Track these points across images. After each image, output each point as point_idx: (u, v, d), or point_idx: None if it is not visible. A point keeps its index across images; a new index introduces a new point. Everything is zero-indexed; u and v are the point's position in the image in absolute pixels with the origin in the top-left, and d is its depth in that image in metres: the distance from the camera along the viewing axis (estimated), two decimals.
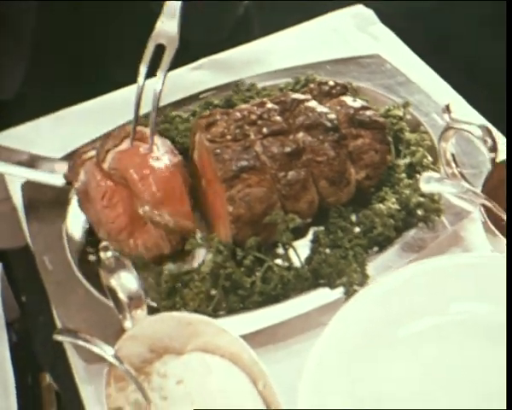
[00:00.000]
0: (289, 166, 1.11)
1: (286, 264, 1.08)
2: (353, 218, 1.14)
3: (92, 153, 1.14)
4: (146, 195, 1.08)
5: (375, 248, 1.10)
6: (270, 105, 1.15)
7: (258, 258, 1.08)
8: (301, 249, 1.11)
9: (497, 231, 1.04)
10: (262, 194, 1.09)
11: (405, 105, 1.26)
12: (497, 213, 1.06)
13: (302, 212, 1.12)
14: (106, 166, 1.11)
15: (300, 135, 1.13)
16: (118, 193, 1.10)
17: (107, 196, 1.11)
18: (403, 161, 1.18)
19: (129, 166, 1.09)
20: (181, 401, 0.92)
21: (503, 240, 1.03)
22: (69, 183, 1.15)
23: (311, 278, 1.06)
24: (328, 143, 1.13)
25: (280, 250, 1.09)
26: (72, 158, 1.16)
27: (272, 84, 1.35)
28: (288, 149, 1.11)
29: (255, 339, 0.99)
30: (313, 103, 1.15)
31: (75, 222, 1.16)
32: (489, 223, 1.05)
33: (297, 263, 1.08)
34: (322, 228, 1.13)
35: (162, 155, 1.12)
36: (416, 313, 0.97)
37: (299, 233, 1.13)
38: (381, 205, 1.11)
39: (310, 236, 1.14)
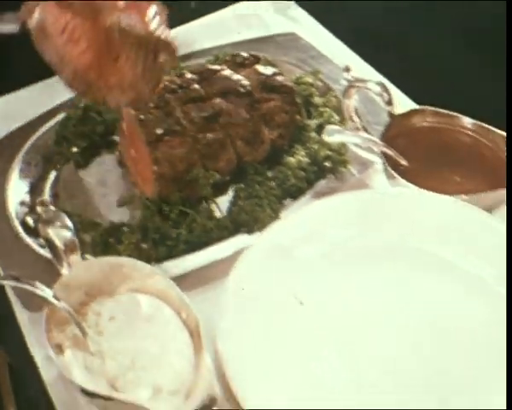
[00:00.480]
0: (208, 129, 1.22)
1: (208, 215, 1.18)
2: (269, 174, 1.25)
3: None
4: (111, 5, 1.00)
5: (289, 199, 1.21)
6: (189, 75, 1.27)
7: (182, 211, 1.18)
8: (222, 204, 1.22)
9: (395, 174, 1.16)
10: (183, 154, 1.20)
11: (315, 73, 1.38)
12: (395, 159, 1.19)
13: (221, 170, 1.23)
14: None
15: (217, 101, 1.24)
16: (79, 26, 1.01)
17: (67, 30, 1.01)
18: (313, 122, 1.30)
19: None
20: (114, 335, 1.02)
21: (402, 181, 1.15)
22: (23, 24, 1.03)
23: (231, 226, 1.18)
24: (242, 106, 1.24)
25: (203, 204, 1.20)
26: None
27: (194, 63, 1.46)
28: (205, 114, 1.23)
29: (183, 282, 1.09)
30: (228, 72, 1.27)
31: (17, 184, 1.25)
32: (389, 168, 1.17)
33: (218, 214, 1.19)
34: (241, 185, 1.24)
35: None
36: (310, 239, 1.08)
37: (220, 191, 1.24)
38: (292, 159, 1.23)
39: (230, 192, 1.25)
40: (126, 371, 0.99)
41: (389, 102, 1.22)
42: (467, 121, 1.21)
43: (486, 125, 1.19)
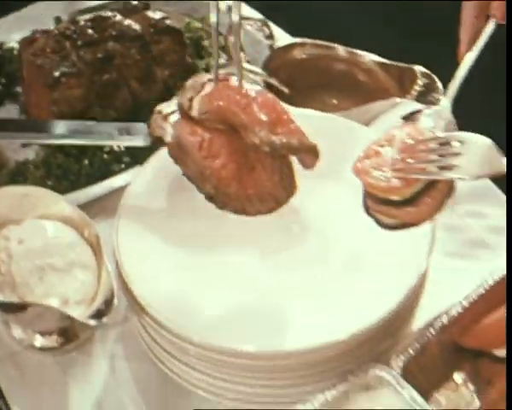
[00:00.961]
0: (102, 71, 1.32)
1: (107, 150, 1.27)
2: None
3: (169, 109, 1.07)
4: (256, 122, 0.99)
5: None
6: (82, 22, 1.35)
7: (83, 147, 1.27)
8: None
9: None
10: (80, 94, 1.29)
11: (203, 19, 1.48)
12: (278, 88, 1.29)
13: (119, 109, 1.32)
14: (195, 113, 1.02)
15: (110, 44, 1.33)
16: (216, 140, 1.01)
17: (204, 146, 1.01)
18: (202, 62, 1.40)
19: (225, 103, 1.01)
20: (23, 257, 1.10)
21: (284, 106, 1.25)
22: (157, 140, 1.06)
23: (129, 159, 1.27)
24: (134, 48, 1.33)
25: None
26: (151, 118, 1.08)
27: None
28: (99, 56, 1.31)
29: (87, 212, 1.17)
30: (119, 18, 1.36)
31: None
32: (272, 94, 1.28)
33: (117, 149, 1.28)
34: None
35: (248, 87, 1.04)
36: None
37: None
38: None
39: None
40: (35, 288, 1.07)
41: (270, 37, 1.33)
42: (341, 50, 1.32)
43: (360, 52, 1.30)
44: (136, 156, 1.26)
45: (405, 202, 0.91)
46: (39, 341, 1.11)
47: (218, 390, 1.01)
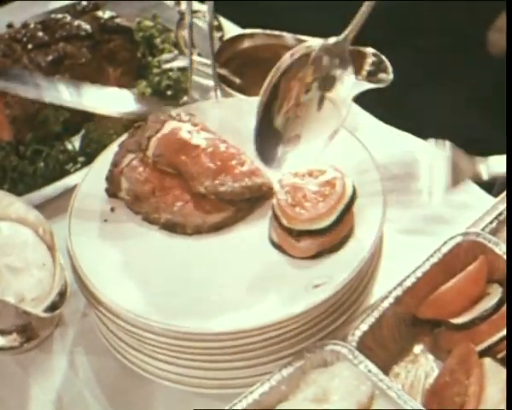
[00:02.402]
0: (54, 72, 1.32)
1: (62, 148, 1.28)
2: None
3: (127, 160, 1.12)
4: (202, 172, 1.07)
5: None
6: (32, 25, 1.35)
7: (37, 149, 1.27)
8: (76, 142, 1.32)
9: (231, 91, 1.28)
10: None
11: (154, 17, 1.48)
12: (230, 78, 1.30)
13: (72, 109, 1.32)
14: (150, 153, 1.10)
15: (61, 45, 1.33)
16: (167, 183, 1.09)
17: (158, 190, 1.09)
18: (154, 59, 1.41)
19: (175, 151, 1.09)
20: None
21: (237, 95, 1.26)
22: (112, 195, 1.12)
23: (83, 157, 1.27)
24: (85, 48, 1.34)
25: (57, 141, 1.29)
26: (110, 171, 1.12)
27: None
28: (50, 58, 1.32)
29: (43, 212, 1.17)
30: (69, 19, 1.37)
31: None
32: (224, 86, 1.29)
33: (71, 148, 1.29)
34: (91, 122, 1.33)
35: (198, 132, 1.12)
36: None
37: (74, 129, 1.33)
38: (134, 90, 1.33)
39: (83, 130, 1.34)
40: None
41: (219, 29, 1.33)
42: (290, 38, 1.33)
43: (306, 38, 1.30)
44: (91, 156, 1.26)
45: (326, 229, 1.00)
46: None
47: (176, 377, 1.01)
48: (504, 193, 1.15)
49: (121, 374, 1.06)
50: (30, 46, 1.33)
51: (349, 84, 1.02)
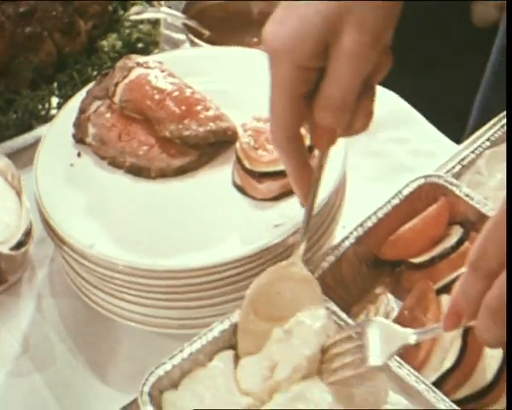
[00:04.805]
0: (25, 24, 1.32)
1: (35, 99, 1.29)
2: (88, 62, 1.35)
3: (94, 106, 1.13)
4: (167, 116, 1.08)
5: None
6: None
7: (9, 99, 1.28)
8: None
9: (200, 42, 1.28)
10: (4, 47, 1.30)
11: None
12: (199, 30, 1.31)
13: (44, 61, 1.33)
14: (117, 99, 1.11)
15: None
16: (133, 128, 1.10)
17: (124, 134, 1.10)
18: (126, 13, 1.41)
19: (141, 96, 1.10)
20: None
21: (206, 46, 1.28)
22: (79, 140, 1.13)
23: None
24: (56, 1, 1.34)
25: (28, 90, 1.30)
26: (77, 117, 1.14)
27: None
28: (21, 10, 1.32)
29: (16, 161, 1.19)
30: None
31: None
32: (192, 37, 1.29)
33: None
34: (63, 74, 1.34)
35: (165, 77, 1.12)
36: None
37: (46, 82, 1.34)
38: (105, 42, 1.34)
39: (55, 84, 1.35)
40: None
41: None
42: None
43: None
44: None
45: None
46: None
47: (140, 318, 1.02)
48: (469, 139, 1.17)
49: (87, 316, 1.07)
50: None
51: None
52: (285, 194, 1.03)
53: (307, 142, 0.91)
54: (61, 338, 1.06)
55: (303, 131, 0.88)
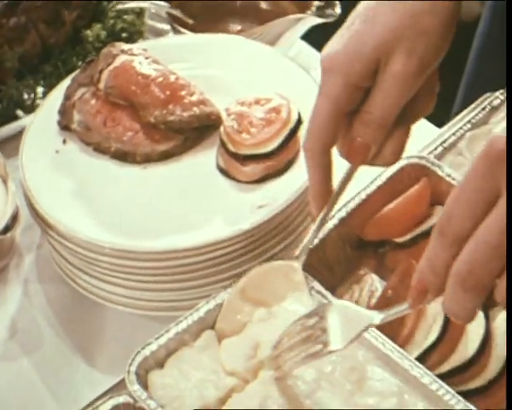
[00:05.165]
0: (10, 14, 1.33)
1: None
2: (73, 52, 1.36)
3: (79, 93, 1.15)
4: (152, 102, 1.09)
5: None
6: None
7: None
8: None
9: (184, 30, 1.29)
10: None
11: None
12: (183, 19, 1.32)
13: (29, 52, 1.34)
14: (102, 86, 1.12)
15: None
16: (118, 114, 1.11)
17: (109, 121, 1.11)
18: (110, 4, 1.42)
19: (126, 82, 1.11)
20: None
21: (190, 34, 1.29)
22: (65, 127, 1.14)
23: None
24: None
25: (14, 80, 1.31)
26: (62, 104, 1.15)
27: None
28: (5, 1, 1.33)
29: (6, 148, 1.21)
30: None
31: None
32: (176, 25, 1.31)
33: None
34: (48, 65, 1.35)
35: (149, 64, 1.14)
36: None
37: (31, 73, 1.35)
38: (89, 32, 1.35)
39: (40, 73, 1.35)
40: None
41: None
42: None
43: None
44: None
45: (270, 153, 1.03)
46: None
47: (126, 301, 1.03)
48: (451, 122, 1.18)
49: (74, 300, 1.08)
50: None
51: None
52: (268, 176, 1.04)
53: None
54: (48, 323, 1.07)
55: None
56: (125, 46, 1.16)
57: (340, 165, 0.92)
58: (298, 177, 1.02)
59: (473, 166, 0.70)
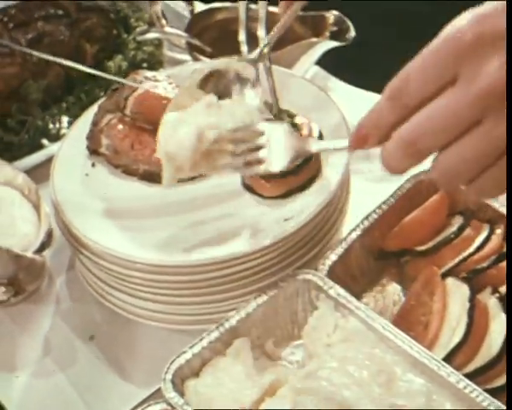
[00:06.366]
0: (34, 49, 1.37)
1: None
2: (95, 83, 1.41)
3: (106, 119, 1.18)
4: None
5: None
6: (12, 6, 1.42)
7: (21, 120, 1.33)
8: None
9: (203, 58, 1.34)
10: (15, 72, 1.35)
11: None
12: (201, 48, 1.36)
13: (53, 84, 1.39)
14: (128, 111, 1.16)
15: (40, 24, 1.40)
16: (145, 137, 1.15)
17: (136, 144, 1.15)
18: (130, 37, 1.47)
19: (152, 107, 1.14)
20: None
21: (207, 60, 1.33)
22: (93, 152, 1.18)
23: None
24: (63, 26, 1.40)
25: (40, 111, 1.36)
26: (90, 130, 1.18)
27: None
28: (30, 36, 1.38)
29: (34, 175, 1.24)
30: (47, 1, 1.43)
31: None
32: (196, 54, 1.35)
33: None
34: (71, 96, 1.39)
35: (173, 89, 1.17)
36: None
37: (55, 104, 1.39)
38: (111, 63, 1.39)
39: (63, 104, 1.40)
40: None
41: (189, 3, 1.40)
42: (256, 10, 1.39)
43: (275, 9, 1.36)
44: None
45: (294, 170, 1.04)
46: None
47: (158, 316, 1.06)
48: None
49: (106, 317, 1.11)
50: (10, 25, 1.39)
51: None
52: (291, 192, 1.07)
53: None
54: (81, 340, 1.10)
55: None
56: (149, 73, 1.20)
57: None
58: (321, 190, 1.06)
59: (438, 43, 0.71)
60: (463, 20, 0.71)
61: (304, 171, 1.08)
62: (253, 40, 1.22)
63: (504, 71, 0.68)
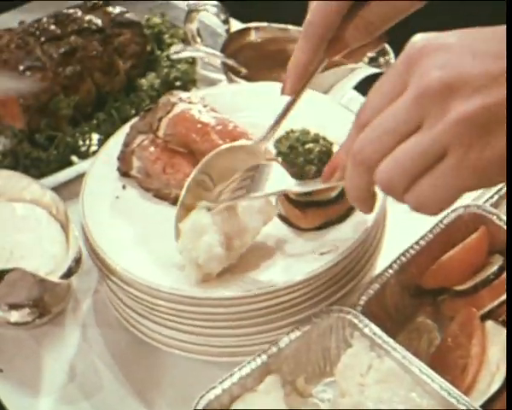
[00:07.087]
0: (66, 63, 1.36)
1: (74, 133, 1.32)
2: (126, 100, 1.38)
3: (138, 140, 1.16)
4: (211, 149, 1.06)
5: None
6: (45, 19, 1.40)
7: (50, 135, 1.31)
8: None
9: (237, 79, 1.31)
10: (46, 86, 1.33)
11: (162, 15, 1.53)
12: (236, 68, 1.34)
13: (83, 100, 1.37)
14: (161, 133, 1.14)
15: (72, 38, 1.38)
16: (177, 160, 1.13)
17: (168, 167, 1.13)
18: (163, 54, 1.45)
19: (186, 130, 1.13)
20: None
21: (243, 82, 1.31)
22: (124, 174, 1.16)
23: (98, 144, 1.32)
24: (96, 41, 1.38)
25: (69, 127, 1.33)
26: (121, 151, 1.16)
27: None
28: (62, 50, 1.36)
29: (60, 194, 1.21)
30: (80, 14, 1.41)
31: None
32: (231, 74, 1.33)
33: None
34: (102, 113, 1.37)
35: (208, 111, 1.16)
36: None
37: (85, 120, 1.37)
38: (144, 81, 1.37)
39: (94, 121, 1.38)
40: (6, 263, 1.10)
41: (226, 21, 1.37)
42: (294, 31, 1.37)
43: None
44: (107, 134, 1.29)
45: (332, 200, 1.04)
46: (14, 316, 1.13)
47: (184, 345, 1.04)
48: None
49: (132, 345, 1.09)
50: (43, 39, 1.37)
51: None
52: (329, 223, 1.05)
53: None
54: (107, 367, 1.08)
55: None
56: (183, 94, 1.17)
57: None
58: (358, 223, 1.03)
59: (395, 63, 0.73)
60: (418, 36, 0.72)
61: (342, 201, 1.05)
62: None
63: (442, 71, 0.68)
